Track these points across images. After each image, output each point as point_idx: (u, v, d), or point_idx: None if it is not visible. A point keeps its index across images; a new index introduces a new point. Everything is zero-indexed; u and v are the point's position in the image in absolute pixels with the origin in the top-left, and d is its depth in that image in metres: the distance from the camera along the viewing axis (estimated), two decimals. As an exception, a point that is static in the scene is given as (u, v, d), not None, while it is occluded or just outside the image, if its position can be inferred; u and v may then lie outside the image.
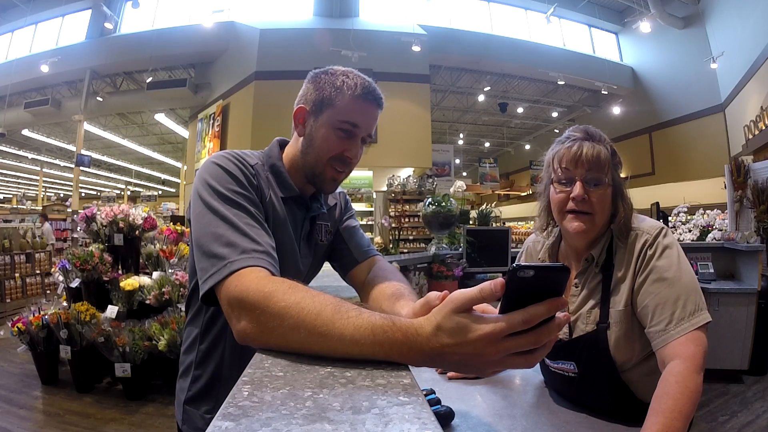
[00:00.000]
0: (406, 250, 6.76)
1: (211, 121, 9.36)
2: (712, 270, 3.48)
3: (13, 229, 6.36)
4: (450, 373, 1.23)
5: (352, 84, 0.83)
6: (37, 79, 9.59)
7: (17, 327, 3.22)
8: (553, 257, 1.10)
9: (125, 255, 3.58)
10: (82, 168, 9.98)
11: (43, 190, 18.50)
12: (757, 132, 6.55)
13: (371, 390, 0.42)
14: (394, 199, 8.06)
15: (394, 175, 8.43)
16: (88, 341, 3.10)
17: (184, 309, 1.02)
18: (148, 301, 3.28)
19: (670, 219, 4.57)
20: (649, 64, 10.73)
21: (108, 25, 8.83)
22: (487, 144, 16.70)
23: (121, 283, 3.33)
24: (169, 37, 9.20)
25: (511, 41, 10.04)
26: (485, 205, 4.47)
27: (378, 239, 7.86)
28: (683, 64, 9.56)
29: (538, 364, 1.13)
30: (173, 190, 22.13)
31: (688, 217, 4.34)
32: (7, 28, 10.10)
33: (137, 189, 21.44)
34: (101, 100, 9.68)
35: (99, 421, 2.78)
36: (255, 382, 0.44)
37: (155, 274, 3.41)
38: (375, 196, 8.42)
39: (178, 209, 12.39)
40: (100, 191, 20.37)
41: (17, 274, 5.91)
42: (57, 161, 16.10)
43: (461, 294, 0.47)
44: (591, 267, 1.02)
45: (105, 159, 16.46)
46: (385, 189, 8.32)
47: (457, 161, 15.31)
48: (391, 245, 5.96)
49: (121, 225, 3.49)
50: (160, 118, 11.44)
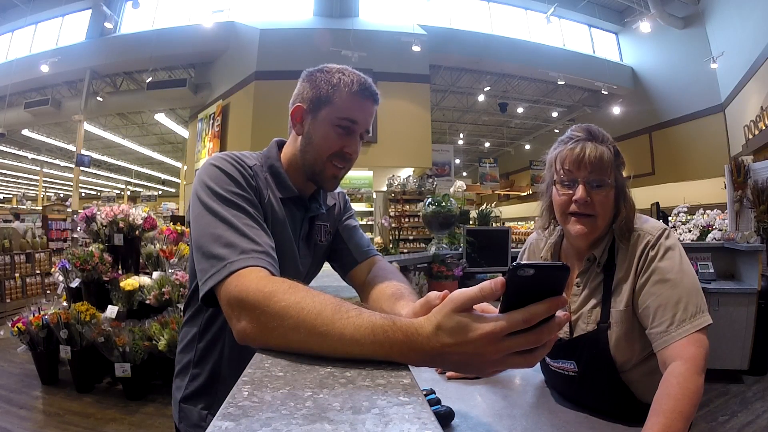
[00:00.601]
0: (406, 250, 6.76)
1: (211, 121, 9.36)
2: (712, 270, 3.48)
3: (13, 229, 6.36)
4: (449, 373, 1.22)
5: (349, 81, 0.84)
6: (37, 79, 9.59)
7: (17, 327, 3.22)
8: (555, 256, 1.09)
9: (125, 255, 3.58)
10: (82, 168, 9.98)
11: (43, 190, 18.50)
12: (757, 132, 6.55)
13: (371, 390, 0.42)
14: (394, 199, 8.06)
15: (394, 175, 8.43)
16: (88, 341, 3.10)
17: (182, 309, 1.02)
18: (148, 301, 3.28)
19: (670, 219, 4.57)
20: (649, 64, 10.73)
21: (108, 25, 8.83)
22: (487, 144, 16.70)
23: (121, 283, 3.33)
24: (169, 37, 9.20)
25: (511, 41, 10.04)
26: (485, 205, 4.47)
27: (378, 239, 7.86)
28: (683, 64, 9.56)
29: (539, 363, 1.13)
30: (173, 190, 22.13)
31: (688, 217, 4.34)
32: (7, 28, 10.09)
33: (137, 189, 21.45)
34: (101, 100, 9.68)
35: (99, 421, 2.78)
36: (255, 382, 0.44)
37: (155, 274, 3.41)
38: (375, 196, 8.42)
39: (178, 209, 12.39)
40: (100, 191, 20.38)
41: (17, 274, 5.91)
42: (57, 161, 16.10)
43: (461, 293, 0.47)
44: (593, 267, 1.02)
45: (105, 159, 16.46)
46: (385, 189, 8.32)
47: (457, 161, 15.31)
48: (391, 245, 5.96)
49: (121, 225, 3.49)
50: (160, 118, 11.44)
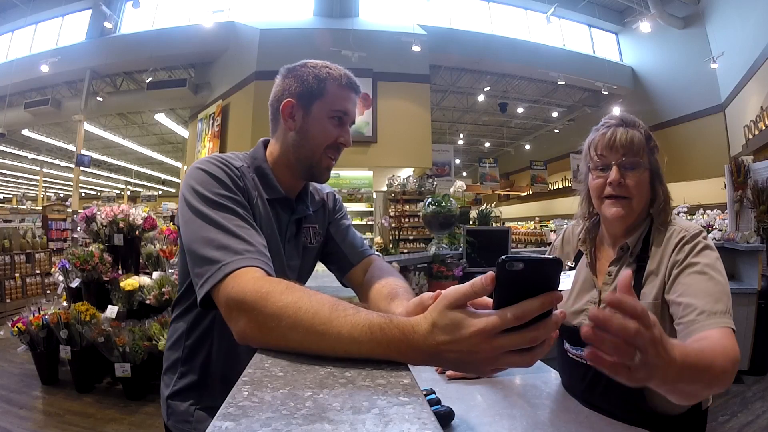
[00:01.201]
0: (406, 250, 6.76)
1: (211, 121, 9.36)
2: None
3: (13, 229, 6.36)
4: (449, 373, 1.23)
5: (337, 75, 0.87)
6: (37, 79, 9.58)
7: (17, 327, 3.22)
8: (591, 242, 1.09)
9: (125, 255, 3.58)
10: (82, 168, 9.97)
11: (43, 190, 18.49)
12: (757, 132, 6.55)
13: (371, 390, 0.42)
14: (394, 199, 8.05)
15: (394, 175, 8.43)
16: (88, 341, 3.10)
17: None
18: (148, 301, 3.28)
19: (670, 219, 4.56)
20: (649, 64, 10.73)
21: (108, 25, 8.83)
22: (487, 144, 16.70)
23: (121, 283, 3.33)
24: (169, 37, 9.20)
25: (511, 41, 10.03)
26: (485, 205, 4.47)
27: (378, 239, 7.86)
28: (683, 64, 9.56)
29: (555, 351, 1.12)
30: (173, 190, 22.12)
31: (688, 217, 4.35)
32: (7, 28, 10.09)
33: (137, 189, 21.44)
34: (101, 100, 9.68)
35: (99, 421, 2.78)
36: (255, 382, 0.44)
37: (155, 274, 3.41)
38: (375, 196, 8.42)
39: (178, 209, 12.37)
40: (100, 191, 20.36)
41: (17, 274, 5.91)
42: (57, 161, 16.09)
43: (454, 290, 0.47)
44: (625, 256, 1.00)
45: (105, 159, 16.46)
46: (385, 189, 8.31)
47: (457, 161, 15.31)
48: (391, 245, 5.96)
49: (121, 225, 3.49)
50: (160, 118, 11.44)
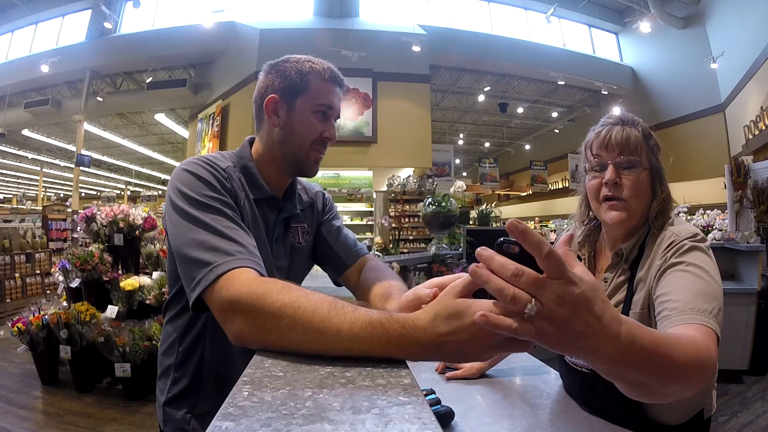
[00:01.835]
0: (406, 250, 6.76)
1: (211, 121, 9.36)
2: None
3: (13, 229, 6.36)
4: (449, 374, 1.23)
5: (320, 69, 0.87)
6: (37, 79, 9.57)
7: (17, 327, 3.22)
8: (590, 246, 1.05)
9: (125, 255, 3.58)
10: (82, 168, 9.97)
11: (43, 190, 18.48)
12: (757, 132, 6.55)
13: (371, 390, 0.42)
14: (394, 199, 8.06)
15: (394, 175, 8.43)
16: (88, 341, 3.10)
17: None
18: (148, 301, 3.28)
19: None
20: (649, 64, 10.73)
21: (108, 25, 8.83)
22: (487, 144, 16.70)
23: (121, 283, 3.33)
24: (169, 37, 9.20)
25: (511, 41, 10.03)
26: (485, 205, 4.47)
27: (378, 239, 7.86)
28: (683, 64, 9.55)
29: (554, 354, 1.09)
30: (173, 190, 22.06)
31: (688, 217, 4.34)
32: (7, 28, 10.08)
33: (137, 189, 21.44)
34: (101, 100, 9.67)
35: (99, 421, 2.78)
36: (255, 382, 0.44)
37: (155, 274, 3.41)
38: (375, 196, 8.42)
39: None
40: (100, 191, 20.37)
41: (17, 274, 5.91)
42: (57, 161, 16.08)
43: (460, 281, 0.48)
44: (621, 263, 0.97)
45: (105, 159, 16.45)
46: (385, 189, 8.31)
47: (457, 161, 15.30)
48: (391, 245, 5.96)
49: (121, 225, 3.49)
50: (160, 118, 11.44)
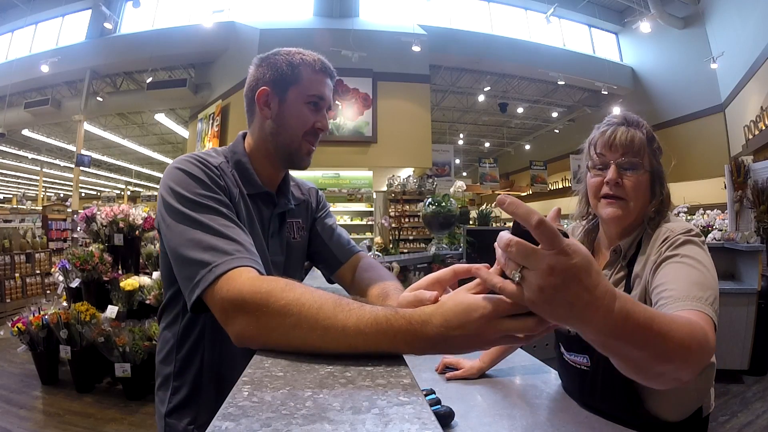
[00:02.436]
0: (406, 250, 6.76)
1: (211, 121, 9.36)
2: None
3: (13, 229, 6.36)
4: (449, 374, 1.23)
5: (310, 60, 0.86)
6: (37, 79, 9.57)
7: (17, 327, 3.23)
8: (588, 245, 1.05)
9: (125, 255, 3.58)
10: (82, 168, 9.97)
11: (43, 190, 18.49)
12: (757, 132, 6.55)
13: (371, 390, 0.42)
14: (394, 199, 8.06)
15: (394, 175, 8.43)
16: (88, 341, 3.10)
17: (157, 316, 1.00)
18: (148, 301, 3.28)
19: (670, 219, 4.56)
20: (649, 64, 10.73)
21: (108, 25, 8.83)
22: (487, 144, 16.70)
23: (121, 283, 3.33)
24: (169, 37, 9.20)
25: (511, 41, 10.03)
26: (485, 205, 4.46)
27: (378, 239, 7.85)
28: (683, 64, 9.55)
29: (555, 352, 1.12)
30: (173, 190, 22.05)
31: (688, 217, 4.34)
32: (7, 28, 10.08)
33: (137, 189, 21.44)
34: (101, 100, 9.67)
35: (99, 421, 2.79)
36: (255, 382, 0.44)
37: (155, 274, 3.41)
38: (375, 196, 8.42)
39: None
40: (100, 191, 20.36)
41: (17, 274, 5.92)
42: (57, 161, 16.08)
43: (472, 283, 0.50)
44: (618, 260, 0.98)
45: (105, 159, 16.45)
46: (385, 189, 8.31)
47: (457, 161, 15.30)
48: (391, 245, 5.95)
49: (121, 225, 3.49)
50: (160, 118, 11.44)
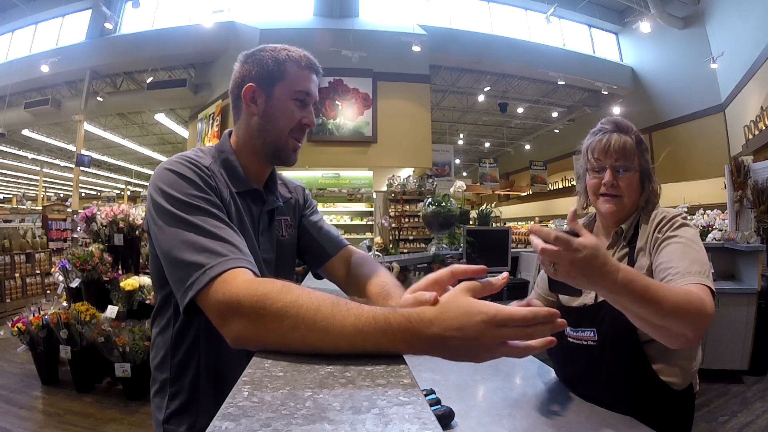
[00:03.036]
0: (406, 250, 6.75)
1: (211, 121, 9.36)
2: (712, 270, 3.47)
3: (13, 229, 6.36)
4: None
5: (297, 56, 0.86)
6: (37, 79, 9.56)
7: (17, 327, 3.23)
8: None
9: (125, 255, 3.58)
10: (82, 168, 9.96)
11: (43, 190, 18.49)
12: (757, 132, 6.54)
13: (371, 390, 0.42)
14: (394, 199, 8.05)
15: (394, 175, 8.43)
16: (88, 341, 3.10)
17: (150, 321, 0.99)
18: (148, 301, 3.28)
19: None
20: (649, 64, 10.72)
21: (108, 25, 8.82)
22: (487, 144, 16.69)
23: (121, 283, 3.33)
24: (169, 37, 9.20)
25: (511, 41, 10.03)
26: (485, 205, 4.46)
27: (378, 239, 7.85)
28: (683, 64, 9.55)
29: (550, 347, 1.14)
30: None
31: (689, 217, 4.34)
32: (7, 28, 10.07)
33: (137, 189, 21.45)
34: (101, 100, 9.67)
35: (99, 421, 2.79)
36: (255, 382, 0.44)
37: (155, 274, 3.41)
38: (375, 196, 8.42)
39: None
40: (100, 191, 20.35)
41: (17, 274, 5.92)
42: (57, 161, 16.09)
43: (471, 283, 0.52)
44: (620, 240, 1.12)
45: (105, 159, 16.45)
46: (385, 189, 8.31)
47: (457, 161, 15.30)
48: (391, 245, 5.95)
49: (121, 225, 3.49)
50: (160, 118, 11.44)
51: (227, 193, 0.83)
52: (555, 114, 12.75)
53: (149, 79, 9.36)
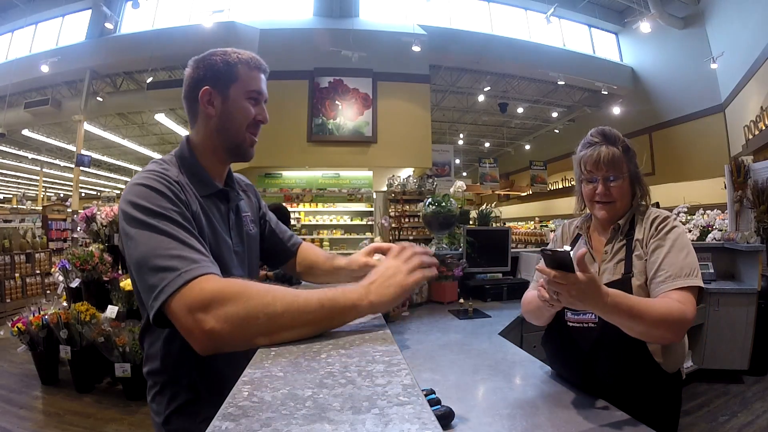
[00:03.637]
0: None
1: (211, 121, 9.36)
2: (712, 270, 3.47)
3: (13, 229, 6.36)
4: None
5: (246, 58, 0.93)
6: (37, 79, 9.56)
7: (17, 327, 3.23)
8: (586, 230, 1.31)
9: (125, 255, 3.58)
10: (82, 168, 9.96)
11: (43, 190, 18.48)
12: (757, 132, 6.54)
13: (371, 390, 0.42)
14: (394, 199, 8.05)
15: (394, 175, 8.43)
16: (88, 341, 3.10)
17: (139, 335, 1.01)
18: (148, 301, 3.27)
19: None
20: (649, 64, 10.72)
21: (108, 25, 8.82)
22: (487, 144, 16.69)
23: (121, 283, 3.33)
24: (169, 37, 9.19)
25: (511, 41, 10.03)
26: (485, 205, 4.46)
27: (378, 239, 7.85)
28: (683, 64, 9.55)
29: (552, 348, 1.26)
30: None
31: (688, 217, 4.34)
32: (7, 28, 10.07)
33: (137, 189, 21.37)
34: (101, 100, 9.67)
35: (99, 421, 2.79)
36: (255, 382, 0.44)
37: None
38: (375, 196, 8.41)
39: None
40: (100, 191, 20.33)
41: (17, 274, 5.92)
42: (57, 161, 16.08)
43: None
44: (617, 234, 1.21)
45: (105, 159, 16.45)
46: (385, 189, 8.31)
47: (457, 161, 15.31)
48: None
49: (121, 225, 3.48)
50: (160, 118, 11.43)
51: (196, 204, 0.85)
52: (555, 114, 12.75)
53: (149, 79, 9.35)
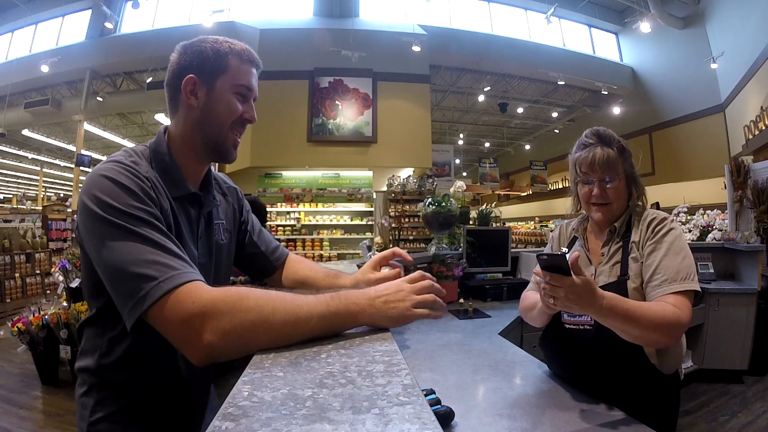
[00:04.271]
0: (406, 250, 6.75)
1: (211, 121, 9.36)
2: (712, 270, 3.47)
3: (13, 229, 6.36)
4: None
5: (239, 49, 0.85)
6: (37, 79, 9.56)
7: (17, 327, 3.22)
8: (582, 231, 1.30)
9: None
10: (82, 168, 9.96)
11: (43, 190, 18.48)
12: (757, 132, 6.54)
13: (371, 390, 0.42)
14: (394, 199, 8.05)
15: (394, 175, 8.43)
16: (88, 341, 3.09)
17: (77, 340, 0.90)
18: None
19: (670, 219, 4.55)
20: (649, 64, 10.71)
21: (108, 25, 8.82)
22: (487, 144, 16.68)
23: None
24: (169, 37, 9.10)
25: (511, 41, 10.02)
26: (485, 205, 4.46)
27: (378, 239, 7.86)
28: (683, 64, 9.54)
29: (550, 347, 1.25)
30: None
31: (688, 217, 4.33)
32: (7, 28, 10.07)
33: (137, 189, 21.38)
34: (101, 100, 9.66)
35: (99, 421, 2.78)
36: (255, 382, 0.44)
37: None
38: (375, 196, 8.41)
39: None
40: (100, 191, 20.31)
41: (17, 274, 5.91)
42: (57, 161, 16.08)
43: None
44: (614, 237, 1.20)
45: (105, 159, 16.43)
46: (385, 189, 8.31)
47: (457, 161, 15.30)
48: (391, 245, 5.95)
49: (121, 225, 3.48)
50: (160, 118, 11.44)
51: (167, 203, 0.78)
52: (555, 114, 12.74)
53: (149, 79, 9.35)
